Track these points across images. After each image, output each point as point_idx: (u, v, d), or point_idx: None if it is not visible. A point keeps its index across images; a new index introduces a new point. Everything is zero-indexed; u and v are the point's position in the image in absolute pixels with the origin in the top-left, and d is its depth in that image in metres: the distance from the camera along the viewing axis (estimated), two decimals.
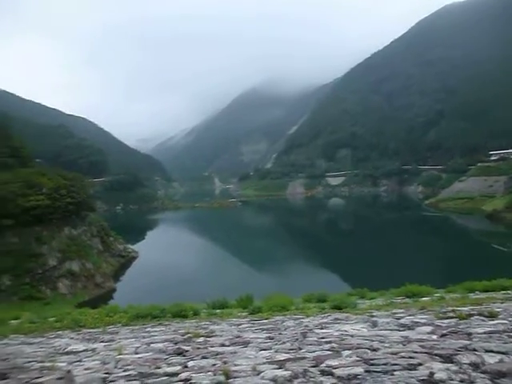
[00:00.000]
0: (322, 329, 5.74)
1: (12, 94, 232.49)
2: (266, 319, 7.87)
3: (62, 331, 8.70)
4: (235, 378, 3.19)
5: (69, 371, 4.07)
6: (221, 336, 5.78)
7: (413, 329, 5.05)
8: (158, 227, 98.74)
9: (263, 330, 6.22)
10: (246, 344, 4.86)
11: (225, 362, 3.77)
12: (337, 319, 6.99)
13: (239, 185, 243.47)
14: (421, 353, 3.42)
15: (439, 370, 2.87)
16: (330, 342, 4.39)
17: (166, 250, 61.75)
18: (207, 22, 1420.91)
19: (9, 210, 33.88)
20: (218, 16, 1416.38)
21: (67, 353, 5.47)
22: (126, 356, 4.66)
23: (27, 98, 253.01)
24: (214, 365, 3.75)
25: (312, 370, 3.20)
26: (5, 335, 8.47)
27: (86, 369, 4.14)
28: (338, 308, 9.43)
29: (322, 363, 3.38)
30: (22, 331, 9.16)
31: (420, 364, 3.06)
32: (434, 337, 4.33)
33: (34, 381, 3.78)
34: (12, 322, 12.16)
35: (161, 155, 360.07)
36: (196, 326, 7.51)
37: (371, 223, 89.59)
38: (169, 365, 3.90)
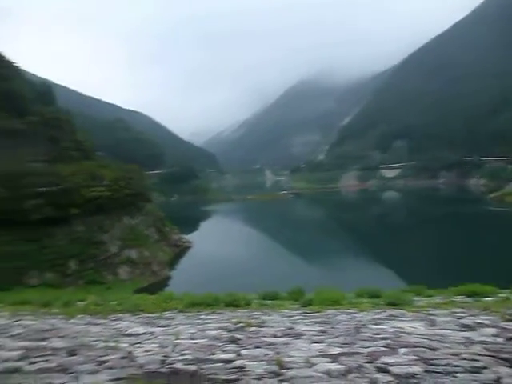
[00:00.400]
0: (376, 325, 5.61)
1: (74, 90, 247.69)
2: (318, 312, 7.81)
3: (123, 314, 9.20)
4: (288, 368, 3.21)
5: (130, 352, 4.31)
6: (272, 327, 5.82)
7: (475, 330, 4.78)
8: (211, 218, 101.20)
9: (315, 322, 6.19)
10: (298, 336, 4.87)
11: (278, 353, 3.81)
12: (391, 315, 6.78)
13: (291, 177, 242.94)
14: (485, 356, 3.23)
15: (507, 375, 2.70)
16: (385, 339, 4.27)
17: (218, 241, 63.22)
18: (258, 14, 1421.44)
19: (74, 200, 36.35)
20: (267, 8, 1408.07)
21: (128, 335, 5.79)
22: (183, 341, 4.84)
23: (87, 94, 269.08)
24: (267, 354, 3.79)
25: (367, 365, 3.15)
26: (72, 315, 9.12)
27: (145, 351, 4.36)
28: (392, 304, 9.12)
29: (377, 359, 3.30)
30: (87, 312, 9.81)
31: (485, 367, 2.89)
32: (500, 340, 4.06)
33: (99, 359, 4.05)
34: (78, 303, 13.04)
35: (213, 148, 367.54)
36: (248, 315, 7.62)
37: (428, 218, 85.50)
38: (223, 352, 4.01)
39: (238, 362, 3.50)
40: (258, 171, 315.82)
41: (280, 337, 4.85)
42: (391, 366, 3.07)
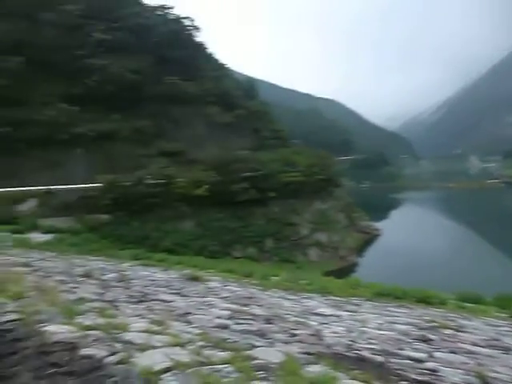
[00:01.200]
0: None
1: (273, 84, 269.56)
2: None
3: (312, 294, 9.73)
4: None
5: (319, 330, 4.54)
6: (473, 333, 5.17)
7: None
8: (402, 207, 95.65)
9: None
10: (506, 350, 4.18)
11: (479, 364, 3.37)
12: None
13: (503, 163, 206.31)
14: None
15: None
16: None
17: (410, 231, 59.33)
18: None
19: (273, 185, 39.97)
20: None
21: (316, 314, 6.10)
22: (369, 330, 4.80)
23: (284, 87, 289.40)
24: (465, 363, 3.40)
25: None
26: (268, 288, 10.17)
27: (333, 332, 4.52)
28: None
29: None
30: (280, 287, 10.76)
31: None
32: None
33: (291, 331, 4.42)
34: (273, 278, 14.41)
35: (409, 132, 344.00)
36: (442, 316, 6.98)
37: None
38: (413, 349, 3.79)
39: (430, 364, 3.27)
40: (460, 157, 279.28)
41: (482, 347, 4.27)
42: None
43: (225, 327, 4.23)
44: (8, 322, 2.67)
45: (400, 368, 3.15)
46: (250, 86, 75.93)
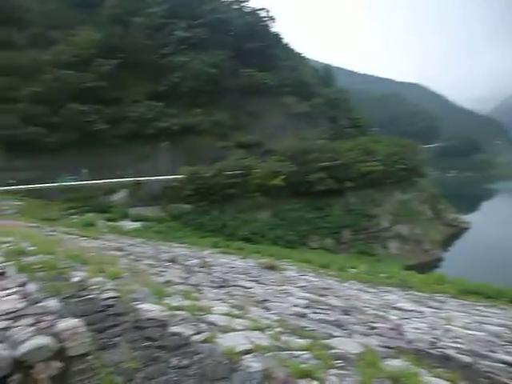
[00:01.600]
0: None
1: (350, 70, 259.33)
2: None
3: (392, 288, 9.39)
4: None
5: (399, 325, 4.40)
6: None
7: None
8: (496, 198, 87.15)
9: None
10: None
11: None
12: None
13: None
14: None
15: None
16: None
17: (504, 225, 53.90)
18: None
19: (350, 174, 38.94)
20: None
21: (396, 308, 5.89)
22: (455, 328, 4.53)
23: (362, 72, 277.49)
24: None
25: None
26: (345, 279, 10.03)
27: (414, 328, 4.35)
28: None
29: None
30: (358, 279, 10.54)
31: None
32: None
33: (369, 324, 4.34)
34: (350, 269, 14.15)
35: (504, 116, 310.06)
36: None
37: None
38: (506, 353, 3.51)
39: None
40: None
41: None
42: None
43: (302, 315, 4.29)
44: (108, 298, 3.00)
45: (490, 371, 2.95)
46: (326, 74, 74.27)
